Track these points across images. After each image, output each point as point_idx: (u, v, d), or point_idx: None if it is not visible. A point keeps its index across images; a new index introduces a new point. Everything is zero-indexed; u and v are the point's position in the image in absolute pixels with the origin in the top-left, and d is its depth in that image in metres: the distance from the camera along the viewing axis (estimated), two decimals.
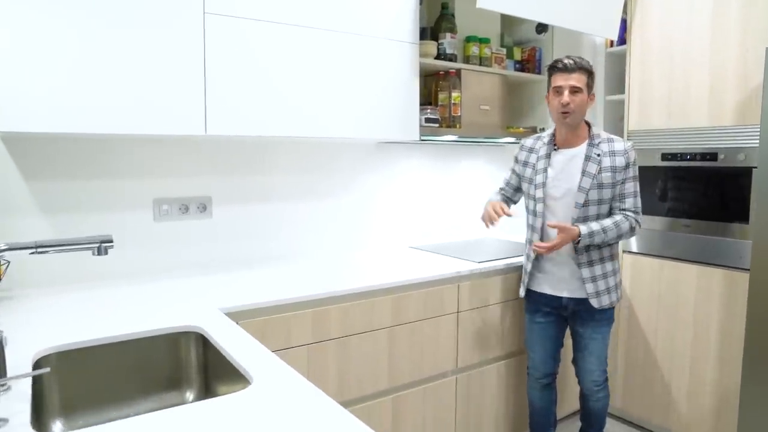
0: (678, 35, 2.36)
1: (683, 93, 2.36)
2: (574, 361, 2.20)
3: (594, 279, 2.02)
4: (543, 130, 2.78)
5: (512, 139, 2.70)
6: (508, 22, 2.87)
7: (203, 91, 1.79)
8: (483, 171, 2.99)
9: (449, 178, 2.87)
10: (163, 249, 2.08)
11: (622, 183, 1.98)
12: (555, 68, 1.96)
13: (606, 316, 2.08)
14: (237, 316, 1.65)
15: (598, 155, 1.97)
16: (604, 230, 1.94)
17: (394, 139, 2.28)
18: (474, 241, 2.82)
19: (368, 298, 1.91)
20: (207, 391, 1.47)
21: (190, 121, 1.78)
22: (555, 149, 2.05)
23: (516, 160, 2.19)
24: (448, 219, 2.90)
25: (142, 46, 1.67)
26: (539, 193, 2.04)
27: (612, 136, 2.03)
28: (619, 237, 1.98)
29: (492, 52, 2.59)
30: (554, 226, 1.92)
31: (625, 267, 2.60)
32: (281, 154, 2.34)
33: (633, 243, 2.58)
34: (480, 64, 2.56)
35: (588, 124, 2.04)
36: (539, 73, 2.78)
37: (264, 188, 2.30)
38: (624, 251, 2.61)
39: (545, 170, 2.04)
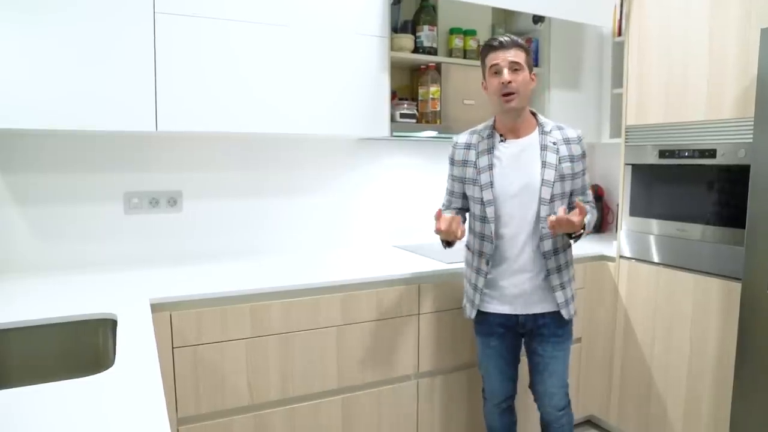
0: (676, 21, 2.15)
1: (681, 84, 2.14)
2: (532, 386, 1.94)
3: (563, 286, 1.81)
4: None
5: None
6: (501, 13, 2.74)
7: (153, 89, 1.84)
8: None
9: (440, 176, 2.77)
10: (133, 241, 2.16)
11: (583, 174, 1.82)
12: (489, 47, 1.72)
13: (568, 329, 1.87)
14: (170, 307, 1.69)
15: (554, 143, 1.75)
16: (588, 222, 1.78)
17: (362, 136, 2.24)
18: None
19: (313, 295, 1.88)
20: None
21: (140, 117, 1.83)
22: (502, 140, 1.79)
23: (452, 162, 1.89)
24: None
25: (94, 45, 1.74)
26: (488, 195, 1.77)
27: (559, 123, 1.82)
28: (589, 225, 1.82)
29: (479, 44, 2.48)
30: (576, 213, 1.62)
31: (621, 273, 2.40)
32: (257, 151, 2.36)
33: (628, 247, 2.37)
34: (464, 57, 2.46)
35: (533, 112, 1.82)
36: (535, 65, 2.63)
37: (239, 184, 2.34)
38: (620, 256, 2.41)
39: (490, 167, 1.78)
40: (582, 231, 1.72)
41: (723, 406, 2.03)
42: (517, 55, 1.69)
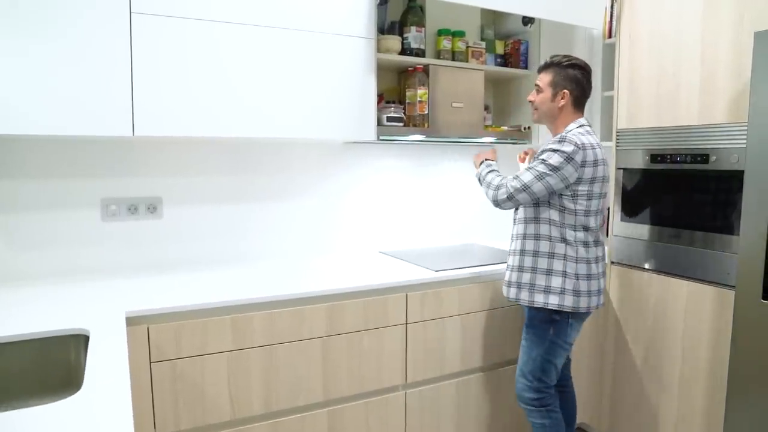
0: (668, 24, 2.11)
1: (673, 88, 2.10)
2: None
3: (512, 268, 1.95)
4: (528, 129, 2.59)
5: (491, 139, 2.52)
6: (490, 14, 2.69)
7: (130, 92, 1.77)
8: (467, 172, 2.82)
9: (428, 180, 2.73)
10: (110, 250, 2.09)
11: (533, 166, 1.85)
12: None
13: (534, 321, 1.92)
14: (147, 320, 1.62)
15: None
16: (491, 169, 1.98)
17: (349, 139, 2.18)
18: (459, 247, 2.67)
19: (298, 305, 1.82)
20: None
21: (116, 122, 1.76)
22: None
23: None
24: (431, 223, 2.76)
25: (66, 47, 1.66)
26: None
27: (573, 134, 1.83)
28: (488, 186, 1.93)
29: (468, 46, 2.43)
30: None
31: (612, 279, 2.37)
32: (240, 155, 2.29)
33: (618, 253, 2.34)
34: (453, 59, 2.40)
35: (572, 121, 1.91)
36: (525, 67, 2.59)
37: (221, 189, 2.27)
38: (612, 262, 2.37)
39: None
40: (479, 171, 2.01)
41: (716, 414, 2.00)
42: (541, 78, 1.94)
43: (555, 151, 1.79)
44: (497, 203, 1.89)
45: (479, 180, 2.00)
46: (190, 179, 2.21)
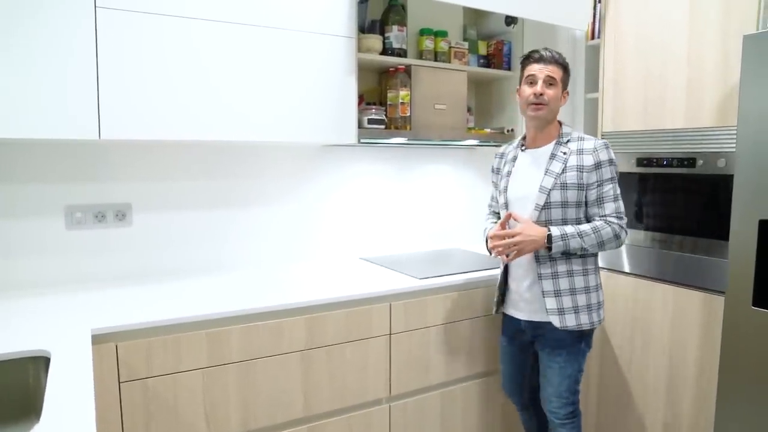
0: (654, 24, 2.08)
1: (659, 91, 2.07)
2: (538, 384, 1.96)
3: (558, 294, 1.76)
4: (512, 131, 2.54)
5: (474, 142, 2.47)
6: (473, 13, 2.63)
7: (96, 92, 1.65)
8: (449, 176, 2.76)
9: (410, 184, 2.66)
10: (75, 261, 1.96)
11: (599, 186, 1.74)
12: (530, 58, 1.77)
13: (567, 342, 1.79)
14: (116, 337, 1.51)
15: (565, 153, 1.76)
16: (580, 234, 1.69)
17: (328, 142, 2.09)
18: (442, 252, 2.60)
19: (276, 318, 1.73)
20: None
21: (81, 124, 1.64)
22: (522, 150, 1.86)
23: (492, 170, 2.00)
24: (413, 228, 2.69)
25: (26, 44, 1.54)
26: (502, 199, 1.88)
27: (585, 135, 1.81)
28: (601, 244, 1.71)
29: (450, 46, 2.36)
30: (517, 219, 1.76)
31: None
32: (214, 159, 2.19)
33: (603, 258, 2.30)
34: (435, 59, 2.34)
35: (560, 123, 1.83)
36: (508, 68, 2.53)
37: (194, 195, 2.16)
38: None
39: (509, 174, 1.87)
40: (551, 245, 1.70)
41: (703, 421, 1.98)
42: (554, 71, 1.74)
43: (612, 161, 1.76)
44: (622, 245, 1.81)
45: (570, 252, 1.75)
46: (160, 184, 2.09)
